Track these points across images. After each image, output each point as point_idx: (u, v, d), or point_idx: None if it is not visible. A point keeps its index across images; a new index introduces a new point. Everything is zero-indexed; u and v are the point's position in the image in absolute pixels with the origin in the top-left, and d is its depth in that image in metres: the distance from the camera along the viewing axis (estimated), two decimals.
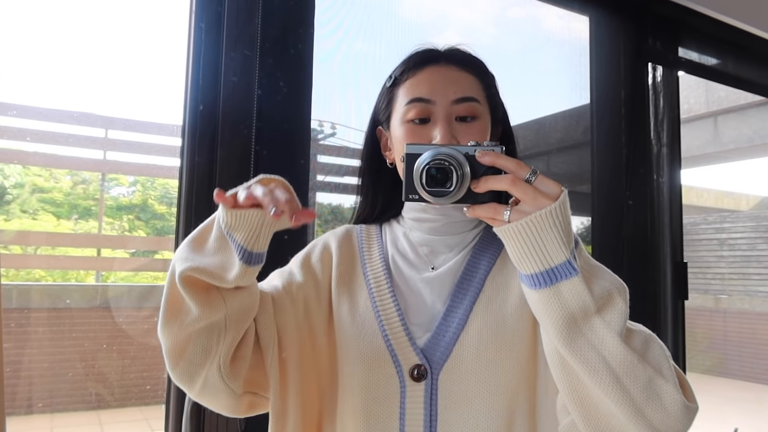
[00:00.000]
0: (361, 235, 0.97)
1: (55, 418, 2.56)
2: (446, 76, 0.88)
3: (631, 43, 1.94)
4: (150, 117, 2.34)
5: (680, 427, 0.68)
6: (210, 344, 0.77)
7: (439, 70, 0.88)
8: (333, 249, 0.94)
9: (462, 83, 0.87)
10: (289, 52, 1.33)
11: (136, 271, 2.92)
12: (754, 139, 7.25)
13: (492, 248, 0.89)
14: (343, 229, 0.99)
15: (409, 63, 0.90)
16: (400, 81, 0.90)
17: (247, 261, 0.73)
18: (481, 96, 0.89)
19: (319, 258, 0.93)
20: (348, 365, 0.85)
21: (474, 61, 0.92)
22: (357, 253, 0.94)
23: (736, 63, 2.22)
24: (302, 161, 1.32)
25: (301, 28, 1.35)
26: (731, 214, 8.35)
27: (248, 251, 0.72)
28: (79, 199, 2.81)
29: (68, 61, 2.32)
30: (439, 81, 0.87)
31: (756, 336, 7.22)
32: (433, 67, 0.89)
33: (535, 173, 0.68)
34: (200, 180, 1.23)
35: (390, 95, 0.92)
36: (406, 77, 0.89)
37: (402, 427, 0.81)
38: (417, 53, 0.92)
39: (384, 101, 0.94)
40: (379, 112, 0.96)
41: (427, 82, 0.87)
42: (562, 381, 0.72)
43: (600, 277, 0.71)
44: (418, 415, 0.81)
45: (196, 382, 0.79)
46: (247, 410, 0.87)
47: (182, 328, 0.76)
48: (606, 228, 1.87)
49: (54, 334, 2.59)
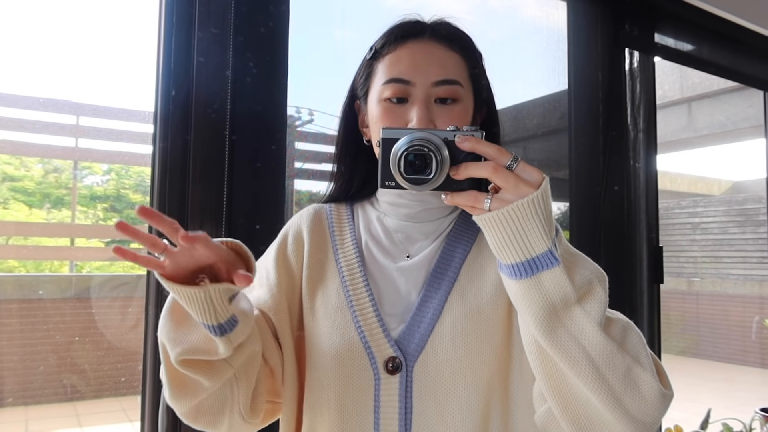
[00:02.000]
0: (332, 216, 0.93)
1: (29, 410, 2.52)
2: (428, 54, 0.83)
3: (608, 28, 1.95)
4: (121, 103, 2.29)
5: (656, 414, 0.69)
6: (225, 395, 0.76)
7: (421, 47, 0.84)
8: (305, 234, 0.91)
9: (445, 64, 0.83)
10: (261, 35, 1.30)
11: (111, 261, 2.87)
12: (726, 125, 7.37)
13: (467, 235, 0.87)
14: (312, 210, 0.94)
15: (391, 36, 0.86)
16: (381, 54, 0.86)
17: (220, 333, 0.68)
18: (464, 77, 0.85)
19: (293, 249, 0.90)
20: (320, 357, 0.83)
21: (461, 37, 0.87)
22: (328, 236, 0.91)
23: (712, 49, 2.24)
24: (276, 147, 1.29)
25: (278, 6, 1.32)
26: (704, 198, 8.52)
27: (212, 326, 0.67)
28: (51, 188, 2.75)
29: (35, 46, 2.25)
30: (421, 60, 0.82)
31: (727, 318, 7.40)
32: (416, 42, 0.84)
33: (516, 160, 0.66)
34: (173, 167, 1.20)
35: (369, 69, 0.88)
36: (387, 51, 0.85)
37: (377, 419, 0.79)
38: (400, 25, 0.87)
39: (363, 75, 0.89)
40: (357, 86, 0.91)
41: (408, 60, 0.83)
42: (539, 370, 0.72)
43: (580, 266, 0.70)
44: (392, 408, 0.79)
45: (220, 428, 0.78)
46: (265, 421, 0.87)
47: (195, 397, 0.74)
48: (583, 214, 1.88)
49: (24, 326, 2.54)
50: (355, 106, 0.93)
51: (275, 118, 1.30)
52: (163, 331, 0.72)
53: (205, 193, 1.21)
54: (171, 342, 0.70)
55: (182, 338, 0.70)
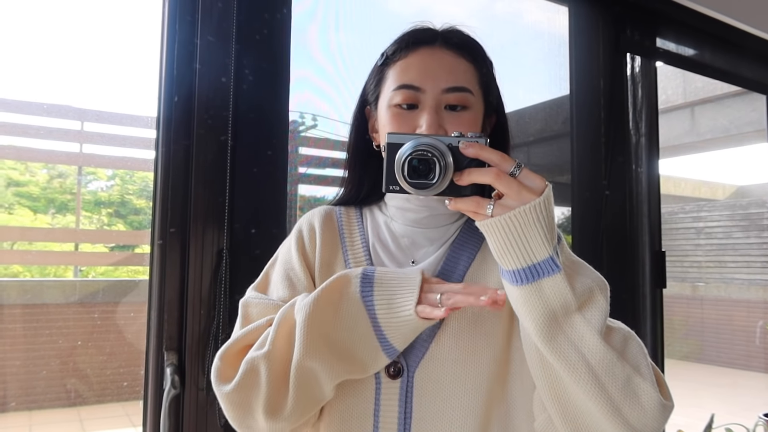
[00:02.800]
0: (341, 218, 0.93)
1: (33, 415, 2.52)
2: (439, 61, 0.83)
3: (609, 33, 1.95)
4: (124, 108, 2.30)
5: (656, 425, 0.68)
6: None
7: (432, 54, 0.84)
8: (317, 232, 0.90)
9: (455, 71, 0.83)
10: (265, 40, 1.30)
11: (116, 266, 2.88)
12: (730, 129, 7.36)
13: (471, 243, 0.87)
14: (323, 210, 0.94)
15: (402, 42, 0.86)
16: (392, 61, 0.86)
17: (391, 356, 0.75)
18: (475, 85, 0.85)
19: (309, 245, 0.89)
20: None
21: (472, 45, 0.87)
22: (338, 237, 0.91)
23: (713, 53, 2.24)
24: (271, 152, 1.29)
25: (278, 14, 1.33)
26: (708, 203, 8.49)
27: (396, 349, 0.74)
28: (56, 193, 2.76)
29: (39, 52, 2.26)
30: (431, 67, 0.83)
31: (732, 322, 7.36)
32: (427, 49, 0.84)
33: (519, 167, 0.67)
34: (176, 172, 1.20)
35: (380, 75, 0.88)
36: (398, 57, 0.85)
37: (376, 423, 0.79)
38: (412, 32, 0.87)
39: (374, 80, 0.90)
40: (368, 92, 0.92)
41: (419, 66, 0.83)
42: (539, 377, 0.72)
43: (582, 274, 0.70)
44: (392, 412, 0.79)
45: None
46: None
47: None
48: (586, 218, 1.88)
49: (28, 330, 2.55)
50: (365, 111, 0.93)
51: (278, 124, 1.31)
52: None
53: (208, 197, 1.22)
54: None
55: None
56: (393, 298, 0.72)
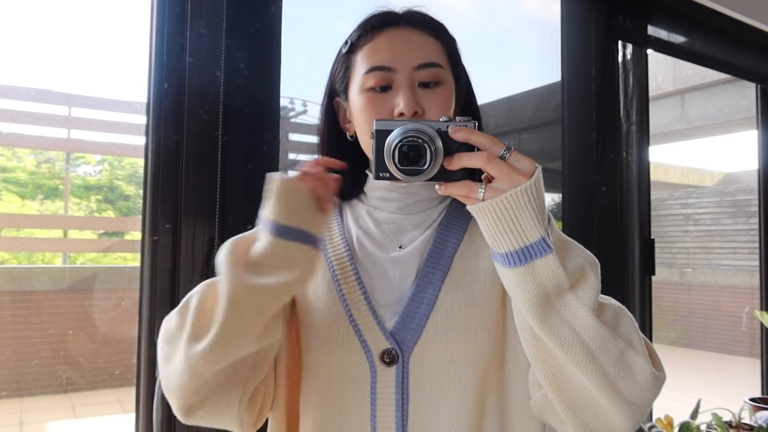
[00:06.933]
0: None
1: (24, 402, 2.52)
2: (407, 40, 0.82)
3: (601, 20, 1.95)
4: (113, 94, 2.27)
5: (650, 396, 0.70)
6: (248, 369, 0.76)
7: (399, 34, 0.83)
8: None
9: (424, 48, 0.82)
10: (255, 28, 1.29)
11: (105, 252, 2.86)
12: (719, 117, 7.40)
13: (458, 224, 0.87)
14: None
15: (367, 26, 0.84)
16: (357, 46, 0.84)
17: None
18: (444, 61, 0.84)
19: None
20: (315, 353, 0.83)
21: (435, 23, 0.87)
22: None
23: (704, 42, 2.25)
24: (270, 138, 1.29)
25: (272, 6, 1.31)
26: (696, 189, 8.57)
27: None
28: (44, 179, 2.73)
29: (26, 37, 2.23)
30: (400, 46, 0.82)
31: (718, 308, 7.47)
32: (392, 30, 0.83)
33: (509, 150, 0.67)
34: (167, 158, 1.19)
35: (347, 63, 0.86)
36: (364, 42, 0.83)
37: (373, 411, 0.79)
38: (374, 16, 0.86)
39: (341, 69, 0.88)
40: (335, 82, 0.90)
41: (387, 47, 0.82)
42: (534, 356, 0.73)
43: (573, 253, 0.71)
44: (389, 399, 0.79)
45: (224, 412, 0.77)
46: None
47: (239, 351, 0.73)
48: (576, 205, 1.89)
49: (17, 318, 2.54)
50: (334, 103, 0.92)
51: (269, 111, 1.30)
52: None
53: (198, 182, 1.21)
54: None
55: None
56: None
